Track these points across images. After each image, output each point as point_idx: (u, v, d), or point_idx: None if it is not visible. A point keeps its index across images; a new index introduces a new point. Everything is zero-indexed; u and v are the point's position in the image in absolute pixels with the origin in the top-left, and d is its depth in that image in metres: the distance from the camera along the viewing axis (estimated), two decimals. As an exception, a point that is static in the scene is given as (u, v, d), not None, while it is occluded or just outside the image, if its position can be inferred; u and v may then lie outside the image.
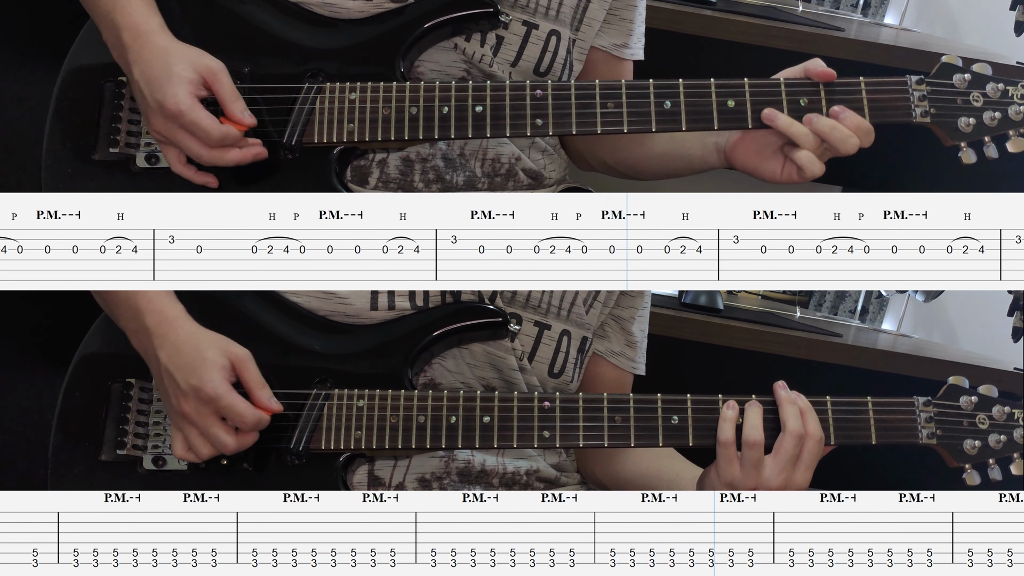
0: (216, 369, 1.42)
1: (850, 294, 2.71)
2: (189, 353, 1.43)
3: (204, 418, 1.42)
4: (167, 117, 1.44)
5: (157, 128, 1.46)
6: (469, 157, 1.57)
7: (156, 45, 1.46)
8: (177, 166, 1.49)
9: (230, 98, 1.45)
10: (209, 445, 1.43)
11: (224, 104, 1.45)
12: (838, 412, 1.46)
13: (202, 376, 1.41)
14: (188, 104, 1.43)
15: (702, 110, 1.48)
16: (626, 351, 1.71)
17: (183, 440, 1.44)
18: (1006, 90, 1.48)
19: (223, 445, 1.42)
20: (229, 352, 1.44)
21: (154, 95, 1.44)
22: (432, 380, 1.54)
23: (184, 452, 1.44)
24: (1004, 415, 1.47)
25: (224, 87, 1.45)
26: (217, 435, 1.42)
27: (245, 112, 1.46)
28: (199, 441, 1.43)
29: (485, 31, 1.55)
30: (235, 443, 1.42)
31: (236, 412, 1.42)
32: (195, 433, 1.43)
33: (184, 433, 1.44)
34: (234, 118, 1.45)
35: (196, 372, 1.41)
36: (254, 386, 1.44)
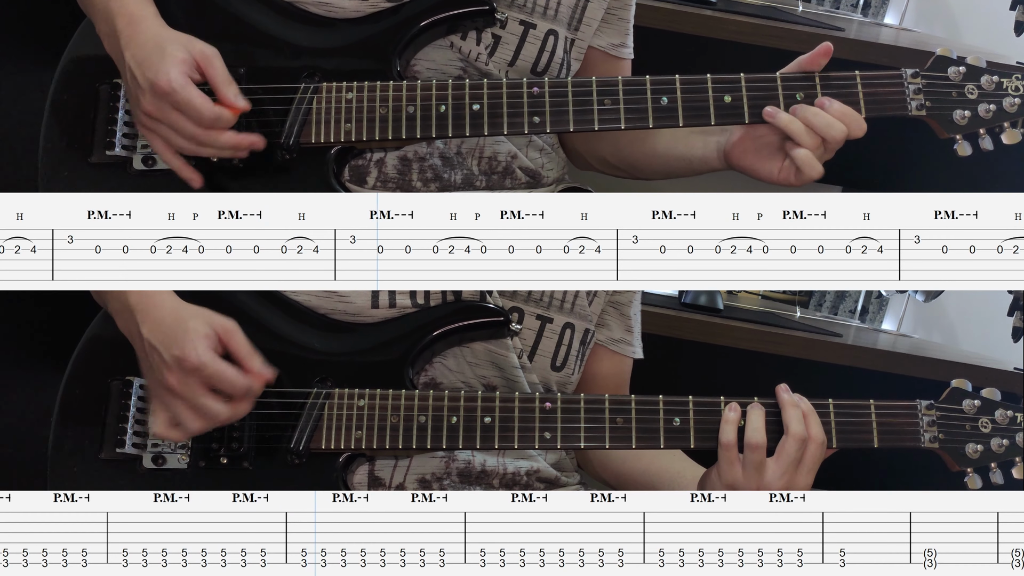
0: (200, 338, 1.38)
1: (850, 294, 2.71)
2: (171, 325, 1.40)
3: (191, 389, 1.38)
4: (158, 96, 1.42)
5: (147, 110, 1.43)
6: (466, 156, 1.57)
7: (150, 29, 1.45)
8: (166, 155, 1.46)
9: (223, 82, 1.44)
10: (199, 418, 1.39)
11: (217, 88, 1.43)
12: (840, 415, 1.46)
13: (184, 346, 1.38)
14: (181, 82, 1.41)
15: (699, 105, 1.48)
16: (625, 336, 1.71)
17: (168, 418, 1.40)
18: (1000, 82, 1.48)
19: (215, 414, 1.39)
20: (213, 322, 1.40)
21: (146, 75, 1.42)
22: (433, 379, 1.54)
23: (166, 429, 1.41)
24: (1007, 419, 1.47)
25: (217, 71, 1.44)
26: (207, 405, 1.38)
27: (239, 96, 1.44)
28: (188, 415, 1.39)
29: (481, 29, 1.55)
30: (228, 411, 1.39)
31: (224, 378, 1.38)
32: (183, 407, 1.39)
33: (172, 409, 1.40)
34: (227, 102, 1.43)
35: (179, 342, 1.38)
36: (244, 355, 1.40)
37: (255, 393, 1.41)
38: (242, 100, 1.44)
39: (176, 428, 1.41)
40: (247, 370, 1.40)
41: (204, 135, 1.43)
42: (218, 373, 1.38)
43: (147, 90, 1.42)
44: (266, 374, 1.41)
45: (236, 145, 1.45)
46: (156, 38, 1.44)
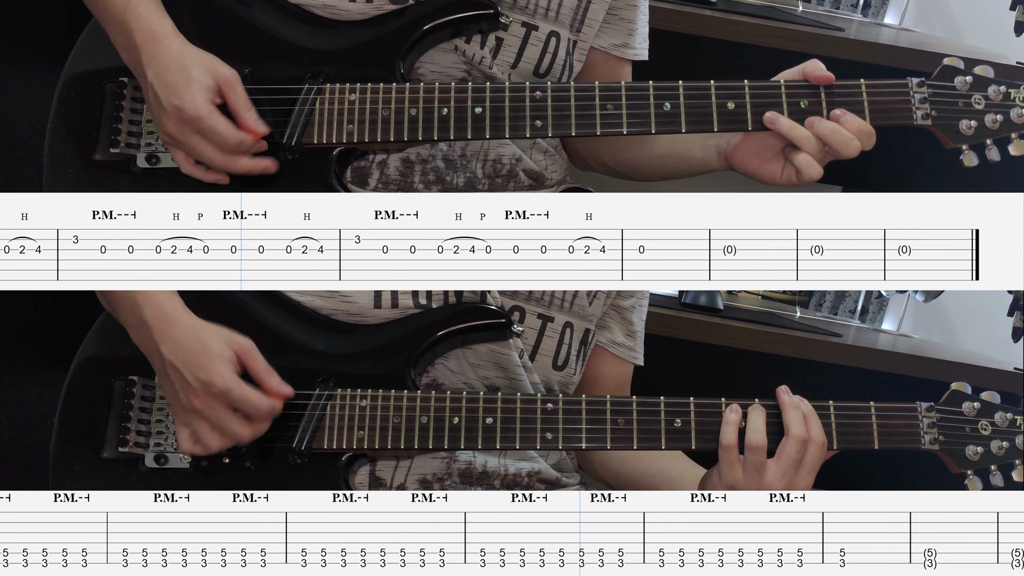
0: (224, 362, 1.41)
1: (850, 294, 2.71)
2: (193, 348, 1.42)
3: (216, 412, 1.41)
4: (183, 121, 1.44)
5: (170, 132, 1.46)
6: (470, 158, 1.57)
7: (172, 49, 1.46)
8: (187, 167, 1.49)
9: (244, 107, 1.46)
10: (220, 438, 1.43)
11: (237, 114, 1.46)
12: (841, 417, 1.46)
13: (210, 371, 1.41)
14: (207, 110, 1.44)
15: (702, 112, 1.48)
16: (626, 341, 1.71)
17: (190, 434, 1.44)
18: (1008, 92, 1.47)
19: (238, 436, 1.42)
20: (234, 343, 1.43)
21: (171, 100, 1.44)
22: (435, 380, 1.54)
23: (191, 447, 1.44)
24: (1006, 421, 1.47)
25: (238, 96, 1.46)
26: (231, 427, 1.42)
27: (258, 122, 1.46)
28: (210, 435, 1.43)
29: (485, 32, 1.55)
30: (250, 432, 1.43)
31: (249, 403, 1.41)
32: (206, 427, 1.42)
33: (193, 428, 1.43)
34: (248, 127, 1.46)
35: (204, 367, 1.41)
36: (263, 375, 1.43)
37: (277, 413, 1.44)
38: (262, 125, 1.47)
39: (199, 445, 1.44)
40: (266, 389, 1.43)
41: (224, 160, 1.46)
42: (244, 398, 1.41)
43: (172, 115, 1.44)
44: (285, 392, 1.44)
45: (251, 170, 1.48)
46: (179, 60, 1.45)
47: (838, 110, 1.47)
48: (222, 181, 1.50)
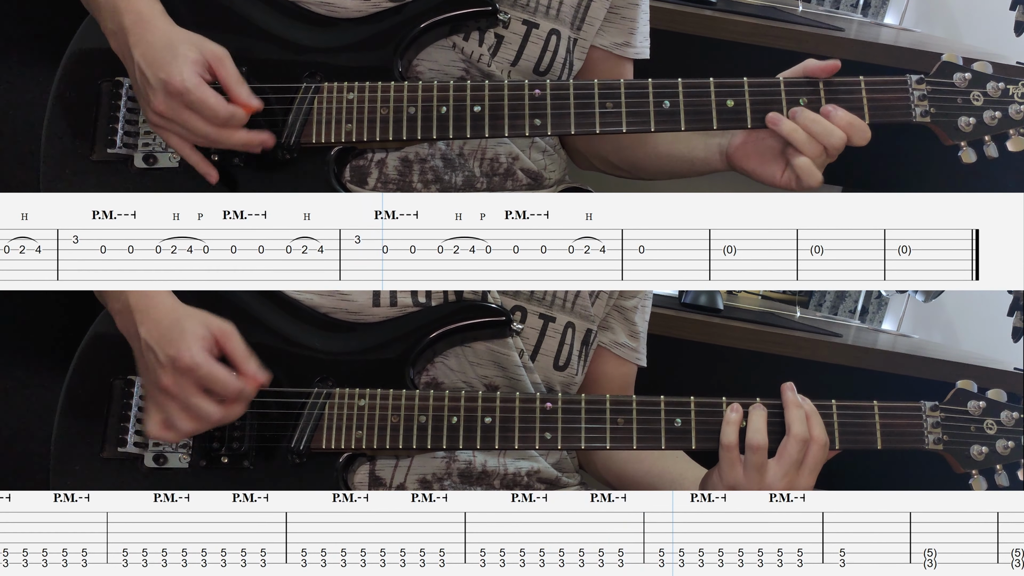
0: (195, 339, 1.39)
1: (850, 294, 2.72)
2: (168, 326, 1.41)
3: (184, 389, 1.39)
4: (171, 95, 1.42)
5: (159, 109, 1.44)
6: (468, 157, 1.57)
7: (159, 28, 1.45)
8: (183, 149, 1.47)
9: (235, 82, 1.44)
10: (191, 419, 1.40)
11: (229, 87, 1.44)
12: (843, 416, 1.46)
13: (179, 346, 1.38)
14: (195, 82, 1.42)
15: (701, 110, 1.48)
16: (629, 342, 1.71)
17: (161, 419, 1.41)
18: (1006, 89, 1.47)
19: (207, 415, 1.39)
20: (210, 324, 1.41)
21: (157, 74, 1.42)
22: (434, 379, 1.54)
23: (160, 430, 1.41)
24: (1012, 420, 1.46)
25: (229, 71, 1.44)
26: (199, 405, 1.39)
27: (251, 96, 1.45)
28: (181, 415, 1.40)
29: (484, 29, 1.55)
30: (220, 413, 1.40)
31: (217, 379, 1.39)
32: (176, 407, 1.40)
33: (165, 410, 1.41)
34: (240, 101, 1.44)
35: (174, 343, 1.39)
36: (240, 359, 1.41)
37: (248, 396, 1.41)
38: (255, 99, 1.45)
39: (170, 429, 1.41)
40: (241, 373, 1.40)
41: (217, 134, 1.44)
42: (211, 374, 1.39)
43: (159, 89, 1.43)
44: (260, 377, 1.41)
45: (248, 143, 1.46)
46: (166, 37, 1.44)
47: (829, 106, 1.47)
48: (211, 177, 1.48)
